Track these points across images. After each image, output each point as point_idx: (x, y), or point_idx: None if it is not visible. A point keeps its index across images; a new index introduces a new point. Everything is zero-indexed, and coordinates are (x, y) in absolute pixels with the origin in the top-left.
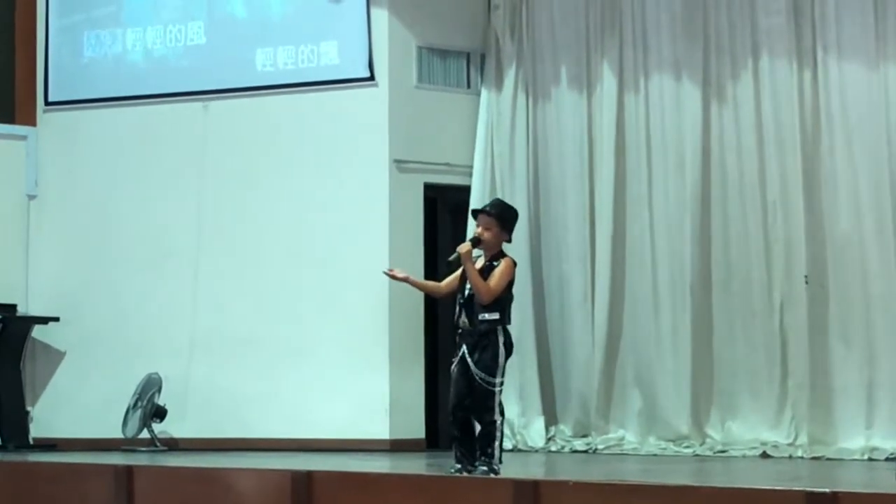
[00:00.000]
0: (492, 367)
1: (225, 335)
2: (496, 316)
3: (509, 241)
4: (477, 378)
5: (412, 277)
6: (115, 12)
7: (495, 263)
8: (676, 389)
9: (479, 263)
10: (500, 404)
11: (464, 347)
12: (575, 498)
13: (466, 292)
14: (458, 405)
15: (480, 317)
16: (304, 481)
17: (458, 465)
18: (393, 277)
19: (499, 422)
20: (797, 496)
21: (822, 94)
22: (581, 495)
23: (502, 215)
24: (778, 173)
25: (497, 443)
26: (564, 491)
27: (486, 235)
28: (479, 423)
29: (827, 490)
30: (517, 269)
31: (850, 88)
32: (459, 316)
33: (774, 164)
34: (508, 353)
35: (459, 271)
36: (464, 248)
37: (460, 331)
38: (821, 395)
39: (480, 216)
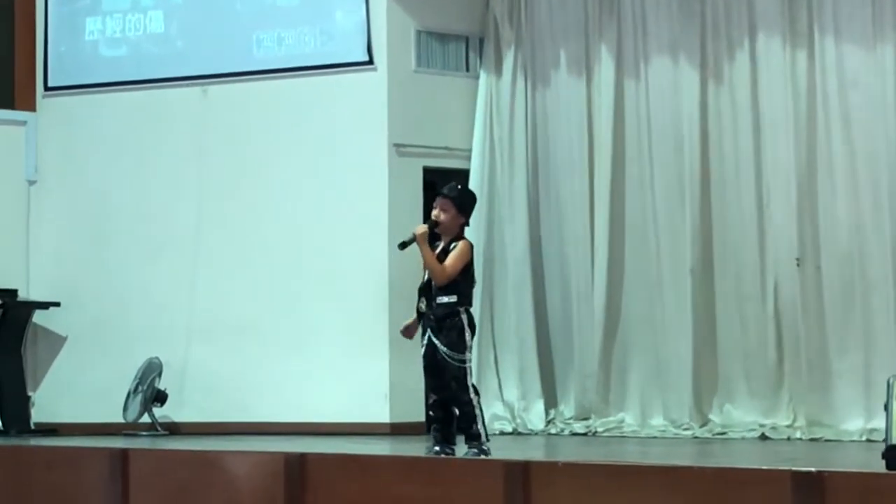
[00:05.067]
0: (459, 345)
1: (224, 320)
2: (454, 299)
3: (467, 224)
4: (447, 357)
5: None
6: None
7: (452, 247)
8: (677, 372)
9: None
10: (473, 385)
11: (428, 332)
12: (565, 479)
13: (426, 277)
14: (433, 388)
15: (438, 300)
16: (297, 463)
17: (437, 448)
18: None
19: (475, 401)
20: (783, 475)
21: (819, 76)
22: (571, 476)
23: (459, 198)
24: (772, 155)
25: (479, 422)
26: (554, 472)
27: (443, 217)
28: (455, 404)
29: (812, 469)
30: (475, 252)
31: (846, 70)
32: (419, 301)
33: (769, 145)
34: (473, 332)
35: None
36: (419, 229)
37: (423, 316)
38: (818, 378)
39: (438, 199)
